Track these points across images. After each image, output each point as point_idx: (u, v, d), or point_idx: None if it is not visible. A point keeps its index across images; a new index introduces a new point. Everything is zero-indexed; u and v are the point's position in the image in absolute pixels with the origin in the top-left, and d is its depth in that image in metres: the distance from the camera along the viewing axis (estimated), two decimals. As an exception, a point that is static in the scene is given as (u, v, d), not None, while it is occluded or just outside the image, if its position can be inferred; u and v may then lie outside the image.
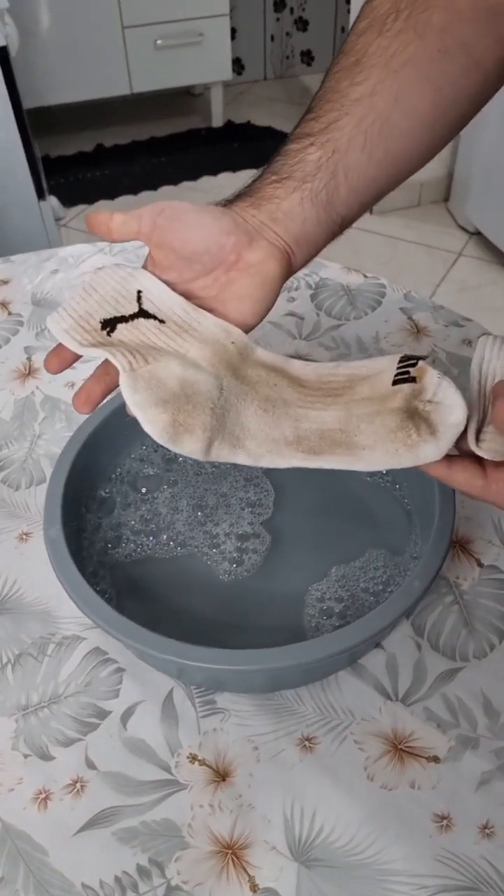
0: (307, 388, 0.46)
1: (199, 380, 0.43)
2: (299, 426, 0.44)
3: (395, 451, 0.41)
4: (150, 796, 0.46)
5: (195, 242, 0.44)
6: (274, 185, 0.46)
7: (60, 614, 0.54)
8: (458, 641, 0.52)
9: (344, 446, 0.43)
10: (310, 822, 0.44)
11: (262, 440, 0.44)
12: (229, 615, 0.52)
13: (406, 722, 0.48)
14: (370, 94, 0.44)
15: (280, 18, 2.67)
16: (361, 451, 0.42)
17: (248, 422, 0.44)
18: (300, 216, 0.45)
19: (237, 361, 0.46)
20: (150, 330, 0.45)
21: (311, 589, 0.52)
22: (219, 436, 0.43)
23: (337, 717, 0.49)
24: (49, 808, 0.46)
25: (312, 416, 0.44)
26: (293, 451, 0.43)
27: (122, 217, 0.44)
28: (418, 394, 0.42)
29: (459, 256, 2.03)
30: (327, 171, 0.45)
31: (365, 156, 0.45)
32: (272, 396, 0.45)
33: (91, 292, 0.46)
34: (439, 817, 0.44)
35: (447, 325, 0.75)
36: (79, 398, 0.46)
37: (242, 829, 0.44)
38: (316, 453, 0.43)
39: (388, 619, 0.44)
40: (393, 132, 0.45)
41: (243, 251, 0.45)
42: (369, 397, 0.44)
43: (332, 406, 0.45)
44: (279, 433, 0.44)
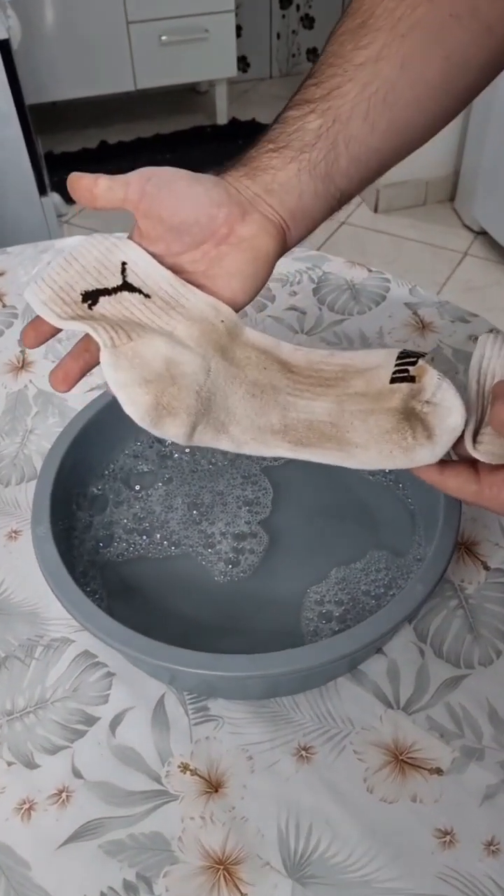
0: (297, 375, 0.44)
1: (185, 360, 0.41)
2: (287, 415, 0.42)
3: (388, 453, 0.39)
4: (138, 807, 0.44)
5: (185, 213, 0.42)
6: (270, 155, 0.43)
7: (49, 615, 0.52)
8: (462, 647, 0.50)
9: (334, 441, 0.41)
10: (306, 837, 0.42)
11: (247, 426, 0.41)
12: (224, 618, 0.50)
13: (408, 731, 0.46)
14: (375, 60, 0.42)
15: (286, 16, 2.65)
16: (353, 449, 0.40)
17: (235, 406, 0.42)
18: (297, 188, 0.43)
19: (226, 341, 0.43)
20: (134, 305, 0.43)
21: (310, 591, 0.50)
22: (203, 420, 0.41)
23: (335, 725, 0.46)
24: (33, 818, 0.44)
25: (301, 405, 0.42)
26: (279, 440, 0.41)
27: (107, 182, 0.41)
28: (416, 394, 0.40)
29: (465, 256, 2.00)
30: (327, 140, 0.43)
31: (368, 125, 0.43)
32: (261, 381, 0.43)
33: (72, 262, 0.43)
34: (442, 833, 0.42)
35: (453, 321, 0.73)
36: (55, 376, 0.43)
37: (235, 844, 0.42)
38: (303, 445, 0.41)
39: (389, 624, 0.42)
40: (398, 101, 0.43)
41: (235, 224, 0.42)
42: (364, 393, 0.42)
43: (323, 397, 0.42)
44: (265, 420, 0.42)
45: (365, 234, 2.08)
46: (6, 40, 1.56)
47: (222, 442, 0.41)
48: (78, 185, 0.42)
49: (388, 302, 0.76)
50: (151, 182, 0.41)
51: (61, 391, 0.44)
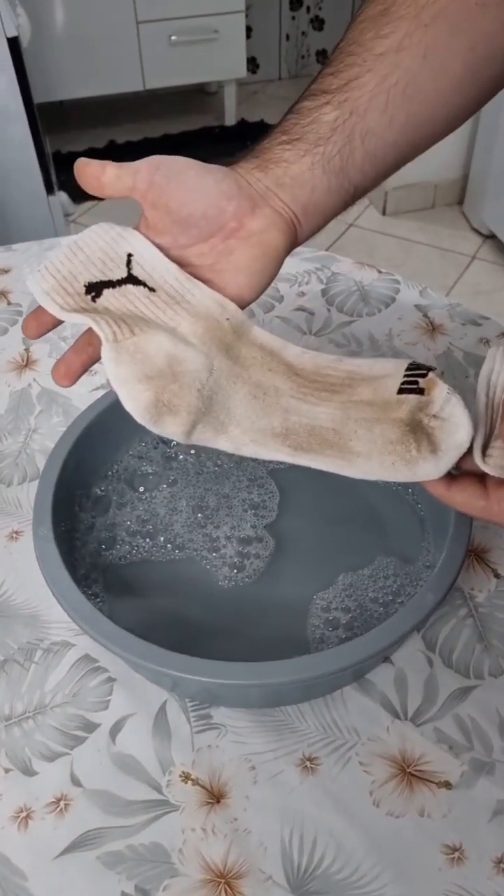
0: (301, 378, 0.42)
1: (188, 357, 0.40)
2: (289, 418, 0.41)
3: (391, 464, 0.38)
4: (138, 818, 0.43)
5: (193, 205, 0.41)
6: (283, 147, 0.42)
7: (49, 618, 0.51)
8: (472, 657, 0.48)
9: (336, 448, 0.40)
10: (310, 851, 0.41)
11: (247, 428, 0.40)
12: (228, 624, 0.49)
13: (415, 743, 0.45)
14: (396, 49, 0.40)
15: (296, 17, 2.64)
16: (355, 458, 0.39)
17: (236, 407, 0.41)
18: (310, 183, 0.42)
19: (231, 340, 0.42)
20: (138, 298, 0.42)
21: (317, 598, 0.49)
22: (203, 419, 0.40)
23: (341, 736, 0.45)
24: (30, 827, 0.42)
25: (304, 409, 0.41)
26: (279, 443, 0.40)
27: (115, 170, 0.40)
28: (424, 406, 0.39)
29: (473, 260, 1.99)
30: (343, 134, 0.41)
31: (386, 118, 0.41)
32: (264, 383, 0.42)
33: (77, 252, 0.42)
34: (450, 849, 0.41)
35: (464, 324, 0.72)
36: (57, 370, 0.42)
37: (237, 857, 0.41)
38: (304, 450, 0.40)
39: (398, 633, 0.41)
40: (419, 93, 0.41)
41: (245, 218, 0.41)
42: (370, 401, 0.41)
43: (327, 402, 0.41)
44: (266, 423, 0.41)
45: (373, 237, 2.07)
46: (15, 38, 1.56)
47: (221, 442, 0.40)
48: (85, 172, 0.41)
49: (397, 304, 0.74)
50: (160, 171, 0.40)
51: (63, 385, 0.42)
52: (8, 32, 1.53)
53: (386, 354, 0.69)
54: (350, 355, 0.68)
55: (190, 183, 0.40)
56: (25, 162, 1.74)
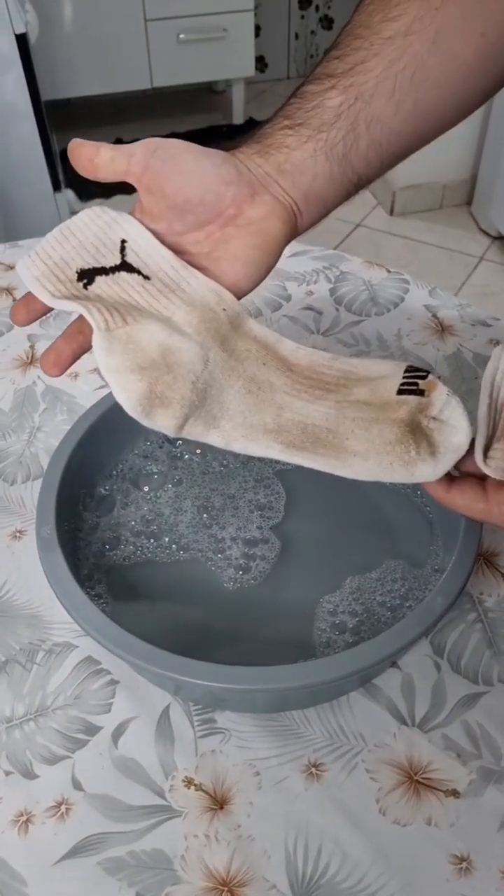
0: (296, 374, 0.41)
1: (182, 348, 0.39)
2: (282, 415, 0.40)
3: (388, 465, 0.38)
4: (140, 823, 0.42)
5: (190, 190, 0.39)
6: (285, 132, 0.41)
7: (52, 619, 0.51)
8: (481, 663, 0.48)
9: (330, 447, 0.39)
10: (314, 859, 0.40)
11: (239, 423, 0.39)
12: (233, 626, 0.48)
13: (423, 750, 0.44)
14: (405, 33, 0.39)
15: (305, 16, 2.63)
16: (351, 458, 0.38)
17: (229, 401, 0.40)
18: (311, 170, 0.41)
19: (226, 331, 0.41)
20: (132, 286, 0.41)
21: (323, 601, 0.48)
22: (195, 412, 0.39)
23: (347, 742, 0.45)
24: (30, 832, 0.42)
25: (298, 406, 0.40)
26: (271, 440, 0.39)
27: (110, 152, 0.39)
28: (424, 408, 0.39)
29: (481, 261, 1.98)
30: (347, 120, 0.40)
31: (392, 105, 0.40)
32: (258, 377, 0.41)
33: (69, 237, 0.41)
34: (458, 859, 0.40)
35: (474, 325, 0.71)
36: (47, 359, 0.40)
37: (240, 864, 0.40)
38: (296, 447, 0.39)
39: (406, 638, 0.40)
40: (426, 80, 0.40)
41: (244, 205, 0.40)
42: (367, 402, 0.40)
43: (321, 401, 0.40)
44: (259, 419, 0.40)
45: (380, 237, 2.06)
46: (24, 35, 1.55)
47: (212, 436, 0.39)
48: (79, 154, 0.39)
49: (406, 304, 0.74)
50: (156, 155, 0.39)
51: (53, 375, 0.41)
52: (16, 29, 1.52)
53: (395, 355, 0.68)
54: (358, 355, 0.68)
55: (187, 167, 0.39)
56: (32, 159, 1.73)
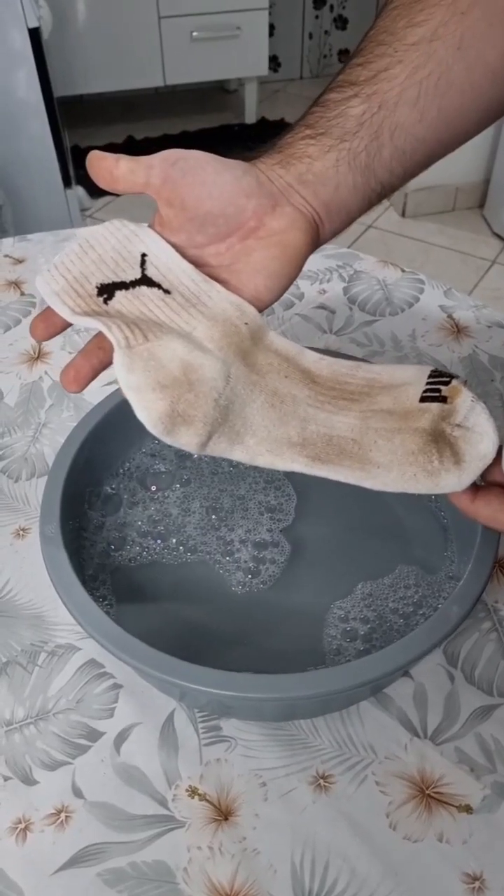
0: (319, 386, 0.41)
1: (204, 364, 0.38)
2: (306, 427, 0.39)
3: (412, 476, 0.37)
4: (142, 833, 0.41)
5: (211, 202, 0.38)
6: (307, 141, 0.40)
7: (55, 620, 0.49)
8: (496, 674, 0.46)
9: (355, 459, 0.38)
10: (321, 875, 0.39)
11: (263, 437, 0.39)
12: (241, 632, 0.47)
13: (435, 763, 0.43)
14: (430, 39, 0.38)
15: (319, 16, 2.62)
16: (375, 469, 0.37)
17: (252, 416, 0.39)
18: (334, 180, 0.40)
19: (248, 346, 0.40)
20: (152, 300, 0.40)
21: (334, 607, 0.47)
22: (219, 429, 0.38)
23: (357, 753, 0.43)
24: (28, 840, 0.40)
25: (322, 418, 0.39)
26: (295, 454, 0.38)
27: (128, 164, 0.38)
28: (447, 415, 0.38)
29: (493, 264, 1.97)
30: (370, 129, 0.39)
31: (416, 113, 0.39)
32: (281, 391, 0.40)
33: (88, 251, 0.40)
34: (470, 877, 0.39)
35: (490, 326, 0.70)
36: (66, 375, 0.40)
37: (245, 879, 0.39)
38: (321, 461, 0.38)
39: (420, 648, 0.38)
40: (452, 86, 0.39)
41: (265, 217, 0.39)
42: (390, 410, 0.39)
43: (345, 411, 0.40)
44: (283, 432, 0.39)
45: (392, 239, 2.04)
46: (37, 29, 1.54)
47: (236, 452, 0.38)
48: (98, 166, 0.39)
49: (421, 304, 0.72)
50: (176, 167, 0.38)
51: (72, 391, 0.40)
52: (29, 23, 1.51)
53: (409, 356, 0.67)
54: (371, 356, 0.66)
55: (207, 179, 0.38)
56: (44, 155, 1.73)
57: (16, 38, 1.54)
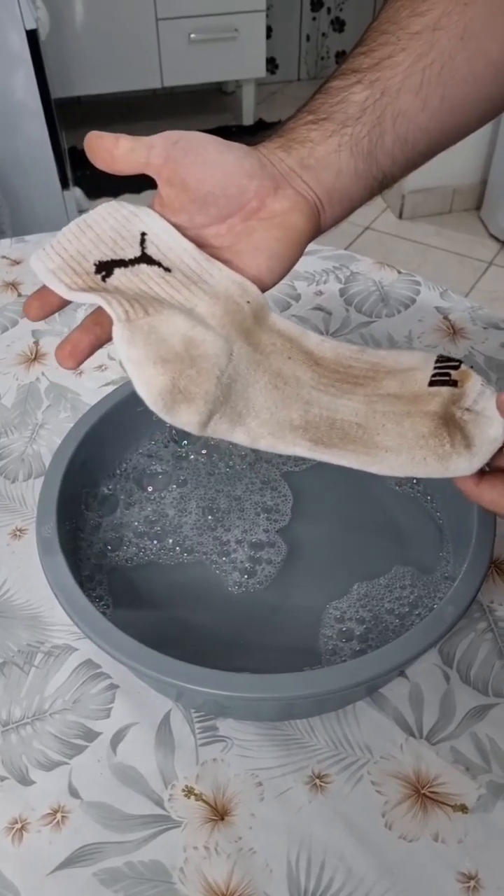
0: (322, 368, 0.40)
1: (206, 340, 0.37)
2: (309, 410, 0.38)
3: (422, 459, 0.36)
4: (138, 833, 0.41)
5: (212, 182, 0.38)
6: (309, 126, 0.40)
7: (52, 621, 0.49)
8: (491, 674, 0.46)
9: (360, 443, 0.38)
10: (317, 874, 0.39)
11: (265, 419, 0.38)
12: (237, 632, 0.47)
13: (431, 763, 0.43)
14: (433, 28, 0.38)
15: (316, 18, 2.62)
16: (382, 453, 0.37)
17: (255, 397, 0.38)
18: (335, 165, 0.40)
19: (251, 324, 0.40)
20: (152, 278, 0.39)
21: (330, 607, 0.47)
22: (220, 409, 0.37)
23: (353, 753, 0.43)
24: (25, 840, 0.41)
25: (325, 401, 0.39)
26: (298, 437, 0.38)
27: (129, 143, 0.38)
28: (457, 399, 0.37)
29: (490, 266, 1.97)
30: (373, 115, 0.39)
31: (419, 101, 0.39)
32: (284, 372, 0.39)
33: (86, 230, 0.40)
34: (466, 877, 0.39)
35: (486, 328, 0.70)
36: (62, 350, 0.38)
37: (241, 878, 0.39)
38: (325, 444, 0.37)
39: (416, 648, 0.39)
40: (454, 76, 0.39)
41: (267, 198, 0.39)
42: (397, 395, 0.39)
43: (349, 395, 0.39)
44: (286, 415, 0.38)
45: (389, 240, 2.05)
46: (34, 31, 1.54)
47: (237, 434, 0.38)
48: (97, 146, 0.38)
49: (417, 305, 0.72)
50: (178, 146, 0.38)
51: (68, 367, 0.39)
52: (27, 25, 1.51)
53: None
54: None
55: (209, 158, 0.38)
56: (41, 156, 1.73)
57: (13, 40, 1.54)
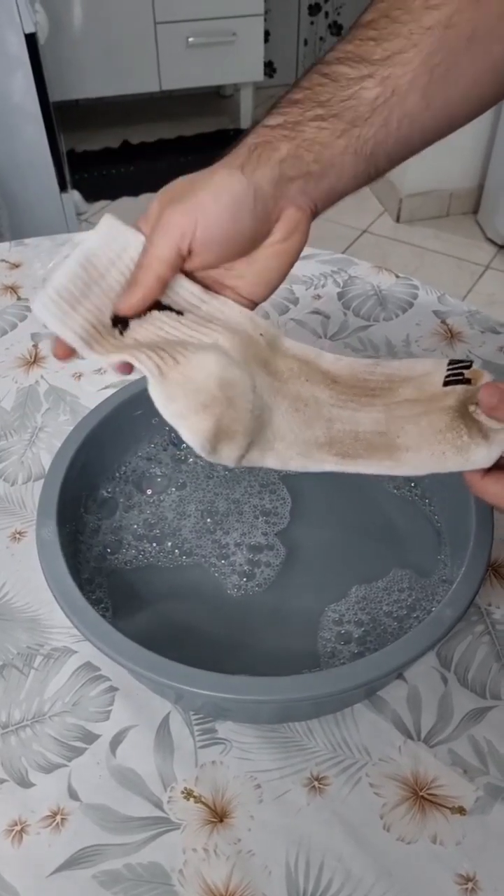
0: (340, 385, 0.41)
1: (236, 377, 0.38)
2: (332, 427, 0.40)
3: (441, 454, 0.37)
4: (137, 835, 0.41)
5: (239, 249, 0.40)
6: (318, 124, 0.39)
7: (51, 623, 0.50)
8: (489, 677, 0.46)
9: (383, 450, 0.39)
10: (316, 876, 0.39)
11: (291, 441, 0.39)
12: (236, 634, 0.47)
13: (429, 765, 0.43)
14: (445, 26, 0.38)
15: (314, 22, 2.63)
16: (404, 454, 0.38)
17: (279, 423, 0.40)
18: (339, 169, 0.39)
19: (267, 354, 0.41)
20: (167, 323, 0.40)
21: (328, 610, 0.47)
22: (253, 439, 0.38)
23: (351, 755, 0.43)
24: (24, 842, 0.41)
25: (346, 416, 0.40)
26: (325, 453, 0.39)
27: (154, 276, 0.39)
28: (472, 395, 0.38)
29: (487, 269, 1.97)
30: (381, 116, 0.39)
31: (424, 102, 0.39)
32: (303, 394, 0.41)
33: (89, 268, 0.39)
34: (464, 878, 0.39)
35: (483, 332, 0.70)
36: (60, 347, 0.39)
37: (240, 880, 0.39)
38: (351, 457, 0.39)
39: (414, 651, 0.39)
40: (458, 77, 0.39)
41: (267, 237, 0.40)
42: (415, 399, 0.40)
43: (368, 407, 0.40)
44: (310, 434, 0.40)
45: (386, 244, 2.05)
46: (33, 35, 1.55)
47: (269, 460, 0.39)
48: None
49: (415, 309, 0.73)
50: (197, 241, 0.39)
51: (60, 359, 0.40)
52: (26, 28, 1.52)
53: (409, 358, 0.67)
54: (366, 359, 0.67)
55: (229, 235, 0.39)
56: (40, 159, 1.73)
57: (12, 43, 1.54)
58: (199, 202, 0.38)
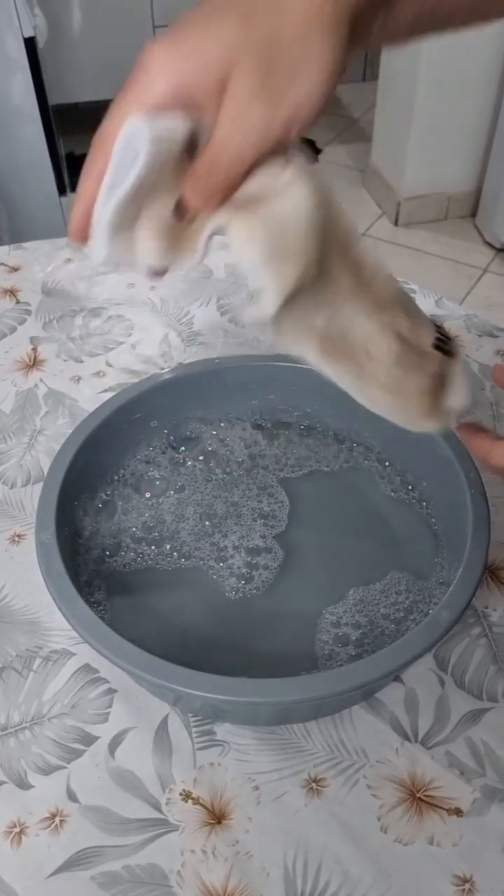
0: (360, 278, 0.39)
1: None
2: (333, 319, 0.38)
3: (403, 408, 0.39)
4: (136, 837, 0.41)
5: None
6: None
7: (50, 626, 0.50)
8: (485, 679, 0.47)
9: (360, 367, 0.38)
10: (314, 877, 0.39)
11: (298, 318, 0.37)
12: (234, 637, 0.47)
13: (426, 767, 0.43)
14: None
15: (313, 26, 2.63)
16: (375, 388, 0.39)
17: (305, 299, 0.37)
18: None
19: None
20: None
21: (326, 612, 0.47)
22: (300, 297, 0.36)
23: (349, 757, 0.44)
24: (23, 844, 0.41)
25: (347, 311, 0.38)
26: (312, 341, 0.38)
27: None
28: (445, 367, 0.40)
29: (485, 272, 1.98)
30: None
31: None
32: (331, 270, 0.38)
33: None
34: (461, 880, 0.39)
35: (480, 335, 0.70)
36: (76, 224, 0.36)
37: (238, 881, 0.39)
38: (329, 355, 0.38)
39: (411, 652, 0.39)
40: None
41: None
42: (406, 339, 0.39)
43: (366, 315, 0.38)
44: (311, 315, 0.38)
45: (384, 247, 2.06)
46: (32, 38, 1.55)
47: (285, 324, 0.37)
48: None
49: (413, 313, 0.73)
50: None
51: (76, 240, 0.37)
52: (25, 32, 1.52)
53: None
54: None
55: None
56: (38, 162, 1.73)
57: (11, 47, 1.55)
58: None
